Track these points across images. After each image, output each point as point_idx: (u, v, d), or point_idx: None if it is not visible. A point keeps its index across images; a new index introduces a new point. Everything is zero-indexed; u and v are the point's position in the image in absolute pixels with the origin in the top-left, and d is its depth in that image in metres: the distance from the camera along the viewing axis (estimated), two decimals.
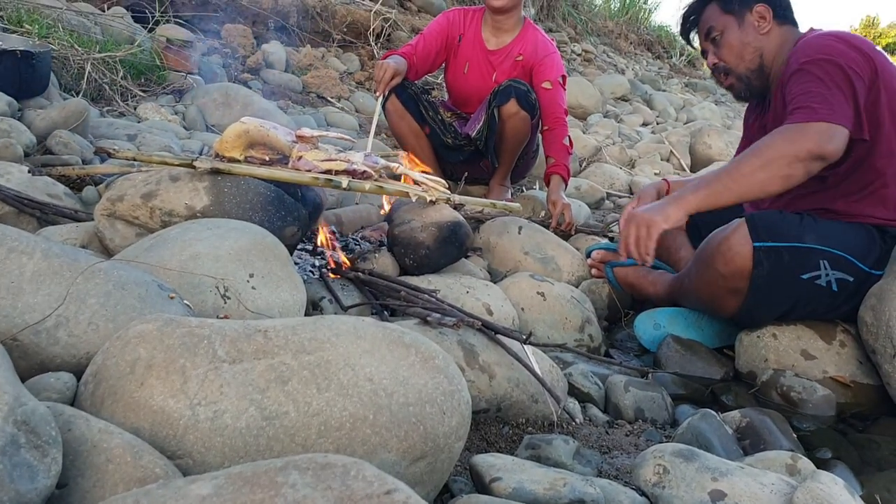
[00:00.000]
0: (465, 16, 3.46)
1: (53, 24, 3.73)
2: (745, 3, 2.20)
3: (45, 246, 1.28)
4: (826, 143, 1.81)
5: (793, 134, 1.84)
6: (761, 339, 2.02)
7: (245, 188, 1.84)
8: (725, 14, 2.23)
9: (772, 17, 2.19)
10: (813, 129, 1.82)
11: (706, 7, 2.29)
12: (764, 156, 1.85)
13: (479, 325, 1.56)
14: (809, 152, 1.81)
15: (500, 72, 3.35)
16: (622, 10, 13.07)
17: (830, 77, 1.89)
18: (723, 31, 2.23)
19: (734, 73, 2.23)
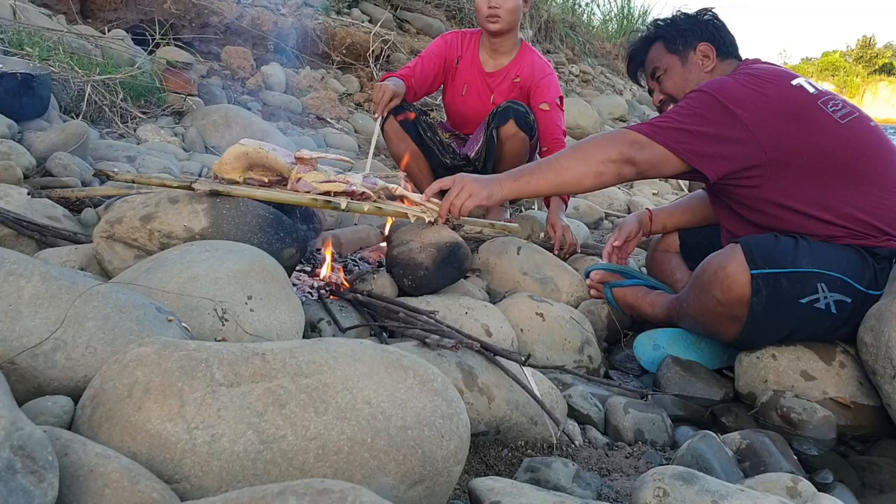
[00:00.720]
0: (462, 39, 3.49)
1: (54, 47, 3.74)
2: (689, 43, 2.30)
3: (43, 269, 1.28)
4: (636, 152, 2.00)
5: (611, 137, 2.05)
6: (761, 360, 2.02)
7: (244, 210, 1.84)
8: (670, 53, 2.32)
9: (715, 55, 2.27)
10: (629, 137, 2.02)
11: (651, 47, 2.38)
12: (582, 152, 2.05)
13: (477, 347, 1.56)
14: (620, 155, 2.01)
15: (497, 93, 3.38)
16: (619, 31, 13.16)
17: (693, 105, 2.02)
18: (667, 70, 2.32)
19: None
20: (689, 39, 2.30)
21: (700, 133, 1.98)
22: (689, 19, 2.35)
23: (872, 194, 1.98)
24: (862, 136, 2.02)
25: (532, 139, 3.21)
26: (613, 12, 13.65)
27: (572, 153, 2.07)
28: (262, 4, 6.02)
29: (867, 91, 48.35)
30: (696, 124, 1.99)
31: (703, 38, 2.30)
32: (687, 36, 2.31)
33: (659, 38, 2.36)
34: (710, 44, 2.28)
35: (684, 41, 2.30)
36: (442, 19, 7.70)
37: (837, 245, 1.98)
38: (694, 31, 2.31)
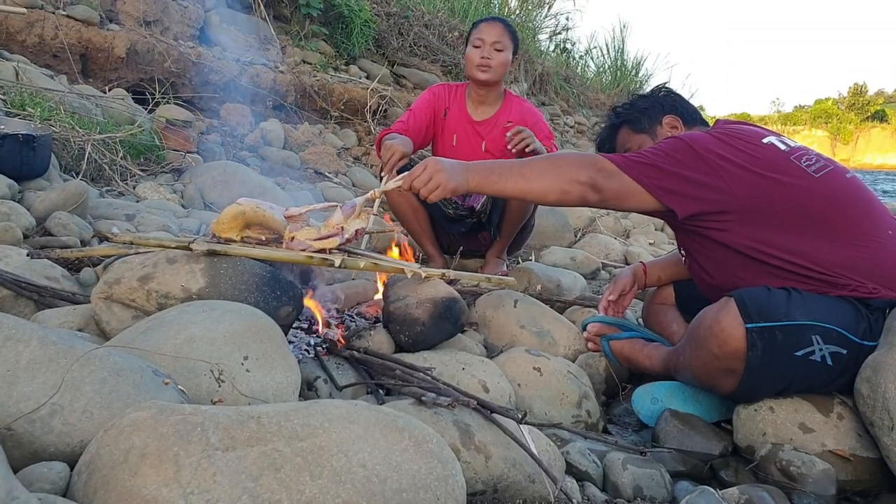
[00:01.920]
0: (449, 91, 3.59)
1: (56, 107, 3.81)
2: (654, 119, 2.35)
3: (41, 333, 1.29)
4: (603, 180, 2.03)
5: (584, 159, 2.07)
6: (759, 413, 2.01)
7: (241, 269, 1.86)
8: (638, 133, 2.37)
9: (682, 123, 2.33)
10: (600, 163, 2.05)
11: (618, 132, 2.43)
12: (554, 166, 2.07)
13: (474, 405, 1.56)
14: (588, 178, 2.03)
15: (489, 140, 3.44)
16: (613, 82, 13.38)
17: (665, 147, 2.06)
18: (639, 148, 2.30)
19: None
20: (653, 116, 2.36)
21: (672, 172, 2.02)
22: (646, 99, 2.42)
23: (851, 246, 2.00)
24: (838, 189, 2.04)
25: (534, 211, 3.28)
26: (607, 64, 13.91)
27: (545, 164, 2.10)
28: (261, 62, 6.13)
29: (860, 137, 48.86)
30: (668, 164, 2.02)
31: (666, 111, 2.36)
32: (650, 114, 2.37)
33: (623, 123, 2.42)
34: (674, 115, 2.35)
35: (649, 119, 2.36)
36: (438, 74, 7.84)
37: (830, 297, 1.99)
38: (655, 108, 2.37)
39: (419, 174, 2.13)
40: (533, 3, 12.12)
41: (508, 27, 3.44)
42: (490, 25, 3.41)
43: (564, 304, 2.98)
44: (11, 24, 4.84)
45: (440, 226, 3.51)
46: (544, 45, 12.57)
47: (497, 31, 3.37)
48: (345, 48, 7.23)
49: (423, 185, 2.12)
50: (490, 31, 3.38)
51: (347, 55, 7.28)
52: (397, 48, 7.78)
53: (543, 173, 2.07)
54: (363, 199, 2.19)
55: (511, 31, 3.43)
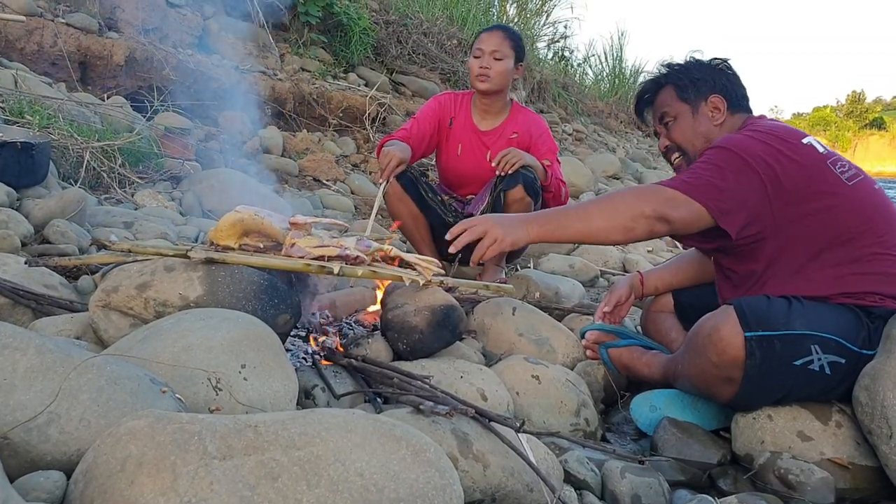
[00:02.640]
0: (455, 100, 3.59)
1: (54, 115, 3.81)
2: (701, 93, 2.25)
3: (38, 342, 1.29)
4: (670, 209, 1.97)
5: (644, 192, 2.03)
6: (757, 421, 2.01)
7: (239, 277, 1.86)
8: (680, 101, 2.27)
9: (726, 108, 2.24)
10: (663, 193, 1.99)
11: (661, 90, 2.33)
12: (613, 204, 2.02)
13: (472, 413, 1.56)
14: (654, 211, 1.97)
15: (494, 150, 3.43)
16: (611, 90, 13.41)
17: (718, 161, 2.01)
18: (676, 118, 2.28)
19: (687, 155, 2.28)
20: (701, 90, 2.25)
21: (726, 189, 1.97)
22: (702, 68, 2.30)
23: (870, 255, 2.00)
24: (866, 199, 2.04)
25: (536, 204, 3.28)
26: (605, 72, 13.95)
27: (604, 204, 2.03)
28: (259, 70, 6.14)
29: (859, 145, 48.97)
30: (722, 180, 1.98)
31: (716, 89, 2.25)
32: (699, 86, 2.26)
33: (670, 83, 2.31)
34: (722, 96, 2.25)
35: (696, 91, 2.25)
36: (437, 82, 7.85)
37: (831, 305, 1.99)
38: (707, 82, 2.26)
39: (471, 233, 2.07)
40: (531, 12, 12.17)
41: (509, 34, 3.44)
42: (489, 35, 3.42)
43: (563, 312, 2.98)
44: (10, 32, 4.85)
45: (440, 234, 3.51)
46: (543, 53, 12.63)
47: (496, 39, 3.37)
48: (343, 56, 7.24)
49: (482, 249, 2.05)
50: (489, 40, 3.38)
51: (346, 63, 7.29)
52: (396, 56, 7.79)
53: (604, 213, 2.00)
54: (378, 246, 2.19)
55: (512, 38, 3.43)
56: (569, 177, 6.93)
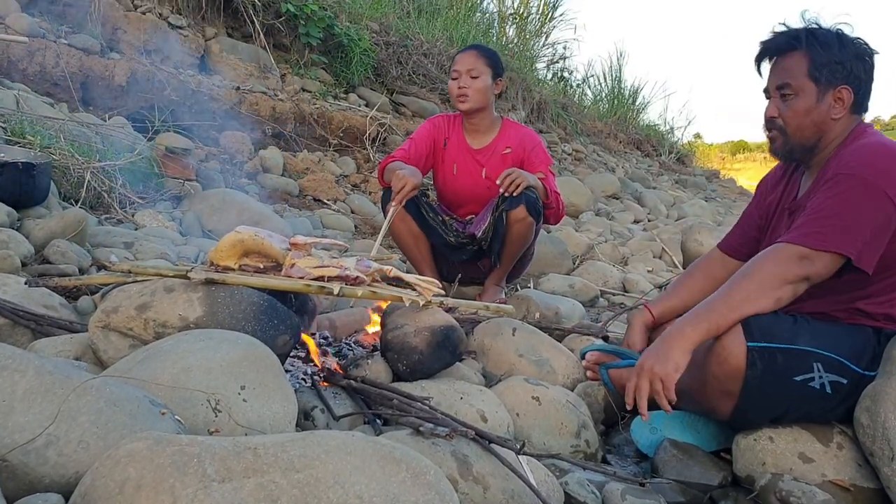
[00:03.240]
0: (448, 121, 3.64)
1: (55, 135, 3.82)
2: (834, 80, 2.03)
3: (38, 363, 1.29)
4: (809, 268, 1.87)
5: (779, 257, 1.90)
6: (758, 443, 2.00)
7: (238, 298, 1.85)
8: (810, 79, 2.04)
9: (850, 103, 2.05)
10: (797, 252, 1.89)
11: (793, 52, 2.07)
12: (754, 280, 1.90)
13: (472, 435, 1.56)
14: (795, 276, 1.87)
15: (489, 167, 3.46)
16: (611, 110, 13.47)
17: (857, 198, 1.89)
18: (798, 95, 2.06)
19: (786, 136, 2.11)
20: (837, 76, 2.02)
21: (861, 228, 1.88)
22: (846, 50, 2.04)
23: None
24: None
25: (538, 223, 3.30)
26: (604, 93, 14.02)
27: (745, 284, 1.91)
28: (260, 90, 6.17)
29: None
30: (857, 219, 1.89)
31: (849, 80, 2.04)
32: (836, 71, 2.02)
33: (807, 52, 2.04)
34: (852, 90, 2.04)
35: (832, 75, 2.02)
36: (436, 102, 7.88)
37: (841, 325, 1.99)
38: (845, 68, 2.03)
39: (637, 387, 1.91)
40: (530, 33, 12.24)
41: (483, 52, 3.48)
42: (463, 55, 3.47)
43: (563, 332, 2.97)
44: (13, 53, 4.87)
45: (441, 253, 3.52)
46: (542, 74, 12.68)
47: (470, 58, 3.42)
48: (344, 76, 7.28)
49: (657, 396, 1.89)
50: (463, 60, 3.43)
51: (347, 83, 7.33)
52: (396, 77, 7.83)
53: (751, 295, 1.89)
54: (378, 267, 2.19)
55: (486, 54, 3.47)
56: (568, 197, 7.01)
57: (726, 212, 9.86)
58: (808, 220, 1.94)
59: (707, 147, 23.49)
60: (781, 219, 2.25)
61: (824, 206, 1.93)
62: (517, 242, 3.31)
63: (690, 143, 17.83)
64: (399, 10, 9.04)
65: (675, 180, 12.24)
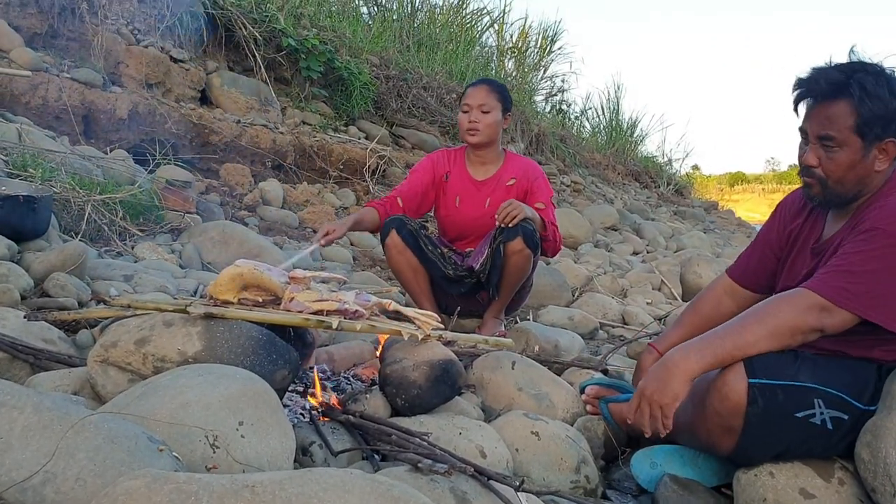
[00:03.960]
0: (448, 156, 3.68)
1: (57, 168, 3.84)
2: (882, 134, 1.91)
3: (36, 400, 1.28)
4: (826, 319, 1.85)
5: (797, 304, 1.88)
6: (759, 478, 1.99)
7: (237, 332, 1.86)
8: (855, 134, 1.91)
9: (894, 155, 1.96)
10: (818, 303, 1.86)
11: (837, 100, 1.92)
12: (768, 325, 1.87)
13: (471, 472, 1.55)
14: (811, 327, 1.86)
15: (493, 199, 3.49)
16: (609, 142, 13.58)
17: (889, 263, 1.86)
18: (842, 147, 1.94)
19: (826, 187, 2.02)
20: (886, 131, 1.91)
21: (889, 290, 1.86)
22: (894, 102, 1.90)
23: None
24: None
25: (536, 255, 3.32)
26: (602, 125, 14.13)
27: (757, 327, 1.88)
28: (261, 123, 6.21)
29: None
30: (886, 280, 1.86)
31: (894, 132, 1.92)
32: (887, 126, 1.91)
33: (854, 103, 1.90)
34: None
35: (881, 131, 1.91)
36: (436, 135, 7.95)
37: (842, 360, 1.98)
38: (893, 122, 1.91)
39: (639, 414, 1.92)
40: (529, 66, 12.38)
41: (495, 87, 3.52)
42: (475, 89, 3.50)
43: (562, 366, 2.97)
44: (16, 87, 4.92)
45: (439, 286, 3.52)
46: (540, 107, 12.81)
47: (482, 93, 3.46)
48: (344, 109, 7.34)
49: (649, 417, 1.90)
50: (475, 94, 3.47)
51: (347, 116, 7.39)
52: (396, 109, 7.90)
53: (763, 335, 1.87)
54: (377, 301, 2.19)
55: (497, 90, 3.51)
56: (567, 228, 7.04)
57: (725, 243, 9.88)
58: (837, 272, 1.89)
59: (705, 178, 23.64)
60: (802, 255, 2.20)
61: (856, 260, 1.88)
62: (515, 274, 3.31)
63: (688, 174, 17.95)
64: (399, 44, 9.15)
65: (673, 212, 12.28)
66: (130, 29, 5.94)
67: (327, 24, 7.75)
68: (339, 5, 8.88)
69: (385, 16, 9.88)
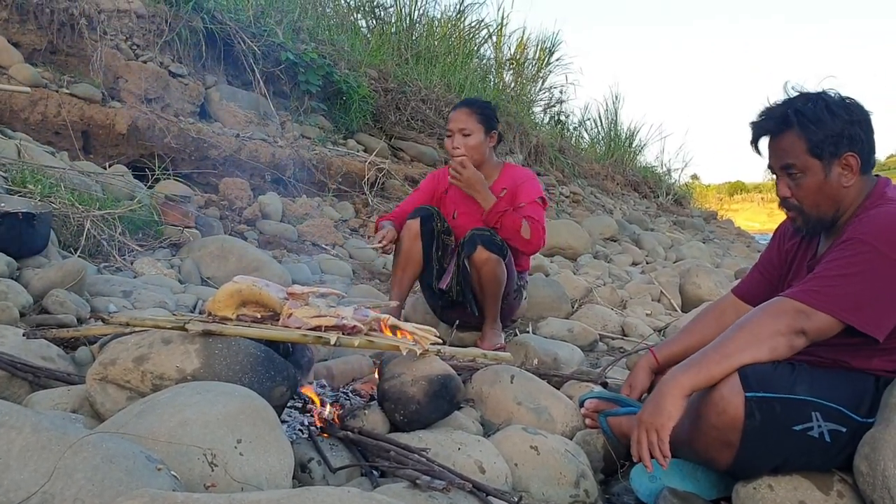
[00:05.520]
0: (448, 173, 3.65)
1: (56, 184, 3.86)
2: (836, 152, 2.00)
3: (35, 419, 1.29)
4: (804, 322, 1.87)
5: (774, 310, 1.92)
6: (758, 491, 1.99)
7: (236, 349, 1.86)
8: (811, 157, 2.01)
9: (858, 168, 2.03)
10: (792, 307, 1.89)
11: (787, 132, 2.04)
12: (747, 332, 1.91)
13: (469, 488, 1.55)
14: (788, 327, 1.88)
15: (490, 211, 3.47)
16: (608, 153, 13.61)
17: (866, 268, 1.88)
18: (805, 173, 2.03)
19: (805, 214, 2.10)
20: (838, 148, 1.99)
21: (866, 295, 1.88)
22: (839, 120, 2.00)
23: None
24: None
25: (505, 259, 3.31)
26: (601, 135, 14.17)
27: (739, 334, 1.92)
28: (260, 137, 6.23)
29: None
30: (864, 286, 1.88)
31: (852, 146, 2.00)
32: (836, 143, 1.99)
33: (800, 131, 2.02)
34: (857, 155, 2.01)
35: (833, 147, 1.99)
36: (434, 147, 7.97)
37: (840, 372, 1.98)
38: (843, 138, 1.99)
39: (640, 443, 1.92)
40: (527, 78, 12.42)
41: (474, 108, 3.53)
42: (456, 113, 3.54)
43: (561, 379, 2.96)
44: (15, 103, 4.94)
45: (427, 296, 3.61)
46: (539, 118, 12.85)
47: (462, 117, 3.50)
48: (343, 123, 7.37)
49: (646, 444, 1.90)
50: (456, 119, 3.51)
51: (346, 129, 7.42)
52: (395, 122, 7.93)
53: (745, 343, 1.90)
54: (375, 316, 2.20)
55: (478, 110, 3.52)
56: (566, 239, 7.05)
57: (724, 253, 9.88)
58: (813, 278, 1.95)
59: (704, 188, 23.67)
60: (799, 273, 2.24)
61: (831, 267, 1.93)
62: (490, 285, 3.31)
63: (688, 184, 17.96)
64: (397, 57, 9.20)
65: (672, 222, 12.29)
66: (129, 44, 5.98)
67: (326, 37, 7.80)
68: (337, 19, 8.94)
69: (383, 29, 9.93)
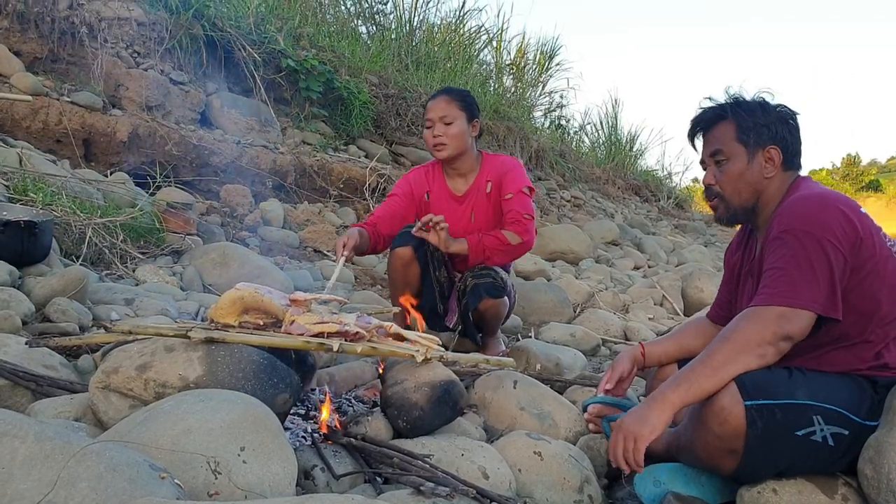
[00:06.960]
0: (426, 173, 3.53)
1: (57, 192, 3.86)
2: (761, 141, 2.16)
3: (38, 429, 1.29)
4: (786, 325, 1.89)
5: (756, 318, 1.93)
6: (762, 495, 1.98)
7: (238, 356, 1.86)
8: (738, 143, 2.17)
9: (780, 162, 2.16)
10: (773, 313, 1.91)
11: (721, 122, 2.21)
12: (734, 343, 1.92)
13: (473, 494, 1.55)
14: (774, 335, 1.89)
15: (476, 211, 3.40)
16: (608, 157, 13.60)
17: (805, 252, 1.95)
18: (730, 159, 2.18)
19: (725, 201, 2.22)
20: (763, 137, 2.15)
21: (817, 280, 1.92)
22: (769, 113, 2.18)
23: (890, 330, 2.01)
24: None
25: (501, 298, 3.27)
26: (601, 139, 14.17)
27: (725, 346, 1.93)
28: (261, 144, 6.24)
29: None
30: (810, 272, 1.93)
31: (776, 140, 2.15)
32: (762, 133, 2.16)
33: (733, 119, 2.19)
34: (780, 149, 2.15)
35: (758, 138, 2.15)
36: None
37: (833, 376, 1.98)
38: (770, 130, 2.16)
39: (616, 447, 1.93)
40: (527, 83, 12.43)
41: (454, 96, 3.36)
42: (434, 102, 3.35)
43: (564, 384, 2.96)
44: (16, 111, 4.95)
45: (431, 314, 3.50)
46: (539, 122, 12.86)
47: (442, 105, 3.31)
48: (344, 129, 7.38)
49: (622, 450, 1.91)
50: (435, 107, 3.31)
51: (346, 135, 7.42)
52: (395, 128, 7.94)
53: (731, 355, 1.91)
54: (378, 324, 2.19)
55: (458, 98, 3.35)
56: (568, 244, 7.05)
57: None
58: (774, 279, 1.97)
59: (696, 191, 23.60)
60: (746, 282, 2.30)
61: (780, 264, 1.98)
62: (492, 321, 3.34)
63: (688, 187, 17.94)
64: (398, 63, 9.21)
65: (674, 225, 12.29)
66: (130, 52, 5.99)
67: (326, 44, 7.81)
68: (337, 25, 8.96)
69: (384, 35, 9.94)
